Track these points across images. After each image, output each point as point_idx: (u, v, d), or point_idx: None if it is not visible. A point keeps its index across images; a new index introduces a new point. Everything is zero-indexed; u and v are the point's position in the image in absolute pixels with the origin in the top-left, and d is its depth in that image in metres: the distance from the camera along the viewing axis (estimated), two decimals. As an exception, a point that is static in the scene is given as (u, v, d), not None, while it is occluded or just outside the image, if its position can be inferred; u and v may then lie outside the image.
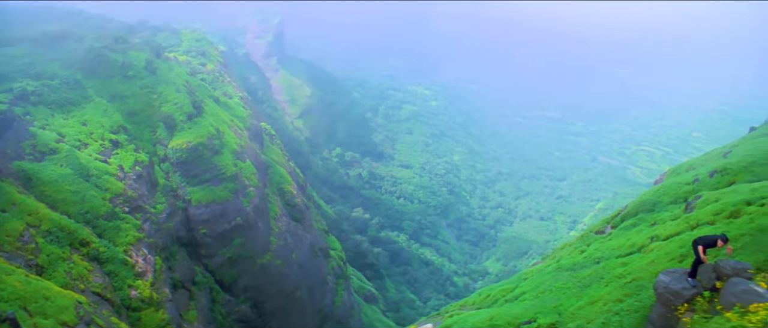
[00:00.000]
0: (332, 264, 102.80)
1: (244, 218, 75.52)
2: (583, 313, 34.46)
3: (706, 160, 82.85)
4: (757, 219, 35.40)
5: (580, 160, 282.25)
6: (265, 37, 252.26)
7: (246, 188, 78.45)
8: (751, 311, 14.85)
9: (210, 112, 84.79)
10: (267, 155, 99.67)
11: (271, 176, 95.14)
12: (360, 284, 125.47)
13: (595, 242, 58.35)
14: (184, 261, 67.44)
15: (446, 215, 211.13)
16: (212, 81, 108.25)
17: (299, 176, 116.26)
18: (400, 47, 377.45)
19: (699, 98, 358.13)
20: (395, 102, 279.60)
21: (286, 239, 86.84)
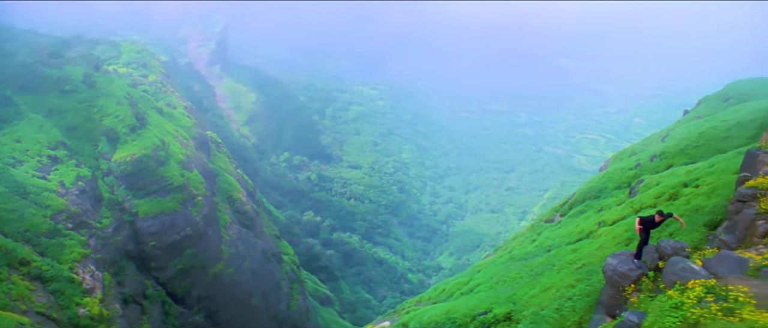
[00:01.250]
0: (286, 269, 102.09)
1: (193, 228, 74.48)
2: (537, 300, 34.98)
3: (646, 145, 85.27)
4: (693, 200, 36.61)
5: (526, 152, 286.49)
6: (207, 45, 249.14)
7: (194, 198, 77.33)
8: (689, 287, 15.38)
9: (154, 123, 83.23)
10: (214, 164, 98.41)
11: (220, 184, 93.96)
12: (315, 287, 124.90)
13: (546, 230, 59.39)
14: (134, 275, 66.14)
15: (397, 213, 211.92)
16: (155, 92, 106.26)
17: (248, 182, 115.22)
18: (345, 48, 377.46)
19: (639, 85, 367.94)
20: (342, 104, 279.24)
21: (238, 247, 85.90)
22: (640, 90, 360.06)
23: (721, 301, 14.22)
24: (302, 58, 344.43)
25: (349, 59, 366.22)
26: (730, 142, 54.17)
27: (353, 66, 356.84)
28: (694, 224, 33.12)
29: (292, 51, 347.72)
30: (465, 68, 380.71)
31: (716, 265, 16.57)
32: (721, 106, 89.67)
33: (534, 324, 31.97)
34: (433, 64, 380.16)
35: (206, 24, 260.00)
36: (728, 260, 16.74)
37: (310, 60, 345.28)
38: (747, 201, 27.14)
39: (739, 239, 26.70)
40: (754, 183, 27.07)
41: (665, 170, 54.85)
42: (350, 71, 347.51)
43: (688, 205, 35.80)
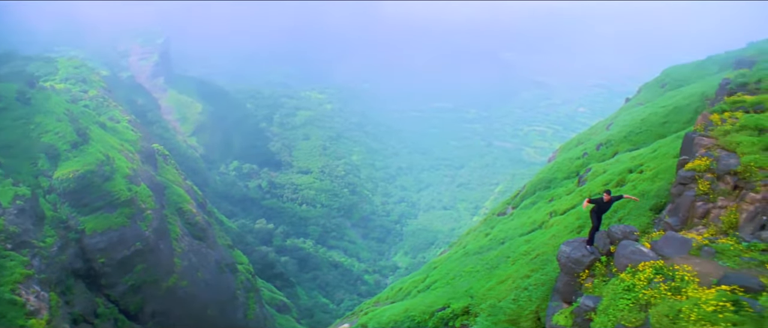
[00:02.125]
0: (241, 278, 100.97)
1: (144, 243, 73.11)
2: (494, 293, 35.42)
3: (592, 134, 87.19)
4: (639, 185, 37.56)
5: (476, 147, 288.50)
6: (149, 58, 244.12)
7: (143, 212, 75.91)
8: (639, 269, 15.97)
9: (97, 138, 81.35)
10: (162, 176, 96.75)
11: (169, 196, 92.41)
12: (271, 295, 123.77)
13: (499, 223, 60.21)
14: (83, 294, 64.58)
15: (350, 215, 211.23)
16: (96, 107, 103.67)
17: (198, 193, 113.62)
18: (291, 54, 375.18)
19: (582, 76, 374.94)
20: (289, 109, 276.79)
21: (191, 259, 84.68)
22: (583, 81, 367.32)
23: (669, 281, 14.80)
24: (248, 66, 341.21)
25: (295, 65, 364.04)
26: (669, 127, 55.76)
27: (300, 71, 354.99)
28: (640, 209, 33.95)
29: (238, 59, 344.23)
30: (412, 68, 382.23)
31: (663, 246, 17.17)
32: (659, 92, 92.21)
33: (492, 316, 32.37)
34: (381, 65, 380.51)
35: (148, 37, 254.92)
36: (674, 241, 17.36)
37: (256, 67, 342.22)
38: (687, 183, 28.04)
39: (682, 220, 27.56)
40: (693, 165, 27.99)
41: (611, 157, 56.26)
42: (297, 77, 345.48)
43: (635, 190, 36.69)
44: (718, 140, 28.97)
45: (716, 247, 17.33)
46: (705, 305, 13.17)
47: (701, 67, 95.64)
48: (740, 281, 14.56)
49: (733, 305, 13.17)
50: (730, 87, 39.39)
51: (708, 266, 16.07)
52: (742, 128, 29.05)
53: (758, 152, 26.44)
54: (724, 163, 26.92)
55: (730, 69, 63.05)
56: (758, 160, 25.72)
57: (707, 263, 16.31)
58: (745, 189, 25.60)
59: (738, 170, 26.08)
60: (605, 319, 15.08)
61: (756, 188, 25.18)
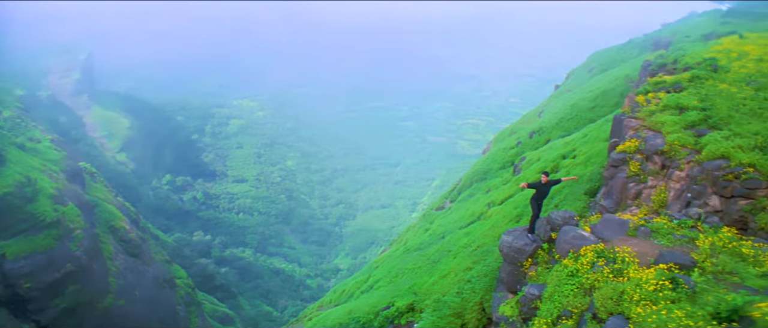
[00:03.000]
0: (181, 293, 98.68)
1: (75, 264, 70.51)
2: (438, 288, 35.39)
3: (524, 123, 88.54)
4: (572, 170, 38.21)
5: (411, 144, 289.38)
6: (71, 75, 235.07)
7: (72, 232, 73.18)
8: (581, 254, 16.11)
9: (15, 160, 77.83)
10: (91, 195, 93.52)
11: (99, 215, 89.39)
12: (213, 307, 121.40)
13: (437, 218, 60.43)
14: (8, 321, 61.89)
15: (289, 221, 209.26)
16: (13, 128, 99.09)
17: (130, 210, 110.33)
18: (220, 63, 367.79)
19: (511, 66, 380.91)
20: (221, 119, 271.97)
21: (127, 277, 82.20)
22: (512, 71, 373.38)
23: (611, 263, 14.98)
24: (176, 78, 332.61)
25: (225, 74, 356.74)
26: (598, 111, 57.08)
27: (230, 80, 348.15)
28: (575, 194, 34.53)
29: (165, 72, 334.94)
30: (344, 69, 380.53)
31: (602, 229, 17.40)
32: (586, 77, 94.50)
33: (437, 311, 32.31)
34: (313, 69, 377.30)
35: (69, 53, 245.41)
36: (611, 224, 17.62)
37: (184, 79, 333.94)
38: (619, 166, 28.73)
39: (616, 202, 28.20)
40: (623, 147, 28.70)
41: (544, 144, 57.22)
42: (227, 86, 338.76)
43: (569, 175, 37.19)
44: (644, 121, 29.75)
45: (651, 226, 17.68)
46: (646, 284, 13.42)
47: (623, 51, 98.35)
48: (674, 259, 14.90)
49: (671, 282, 13.43)
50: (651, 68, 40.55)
51: (645, 245, 16.37)
52: (665, 108, 29.90)
53: (681, 131, 27.21)
54: (651, 143, 27.63)
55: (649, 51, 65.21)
56: (681, 139, 26.46)
57: (644, 242, 16.61)
58: (672, 168, 26.33)
59: (664, 149, 26.82)
60: (551, 306, 15.17)
61: (681, 167, 25.91)
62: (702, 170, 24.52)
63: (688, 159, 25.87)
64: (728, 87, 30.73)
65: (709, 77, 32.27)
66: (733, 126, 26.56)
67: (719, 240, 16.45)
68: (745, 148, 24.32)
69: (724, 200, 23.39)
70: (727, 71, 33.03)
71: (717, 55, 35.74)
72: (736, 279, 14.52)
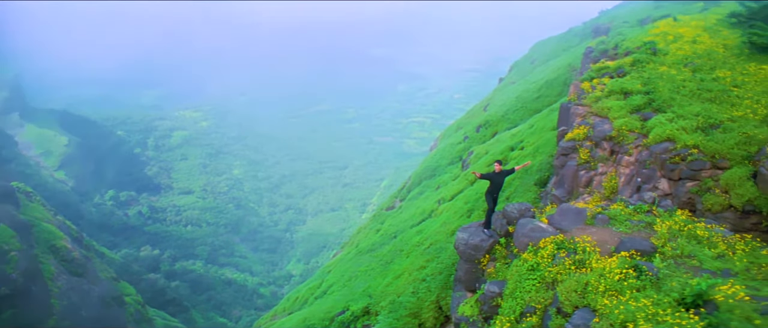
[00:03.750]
0: (130, 310, 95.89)
1: (11, 287, 67.75)
2: (392, 289, 34.87)
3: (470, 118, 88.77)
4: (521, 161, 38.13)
5: (358, 145, 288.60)
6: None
7: (6, 254, 70.31)
8: (541, 246, 15.62)
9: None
10: (27, 214, 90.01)
11: (38, 235, 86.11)
12: (165, 323, 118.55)
13: (388, 218, 59.87)
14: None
15: (238, 230, 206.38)
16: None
17: (72, 228, 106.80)
18: (160, 75, 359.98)
19: (455, 62, 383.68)
20: (164, 131, 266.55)
21: (71, 298, 79.35)
22: (456, 67, 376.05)
23: (572, 254, 14.52)
24: (114, 92, 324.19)
25: (166, 86, 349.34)
26: (543, 101, 57.40)
27: (171, 91, 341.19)
28: (526, 185, 34.41)
29: (102, 87, 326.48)
30: (287, 74, 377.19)
31: (560, 220, 16.97)
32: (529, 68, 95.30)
33: (393, 313, 31.77)
34: (255, 75, 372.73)
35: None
36: (569, 213, 17.20)
37: (123, 93, 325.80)
38: (569, 154, 28.57)
39: (568, 191, 28.03)
40: (572, 135, 28.57)
41: (491, 137, 57.22)
42: (169, 97, 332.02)
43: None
44: (591, 107, 29.73)
45: (608, 214, 17.38)
46: (610, 274, 13.04)
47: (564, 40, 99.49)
48: (635, 246, 14.58)
49: (635, 270, 13.08)
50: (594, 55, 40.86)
51: (604, 234, 16.02)
52: (610, 93, 29.98)
53: (627, 116, 27.38)
54: (599, 129, 27.61)
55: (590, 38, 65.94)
56: (628, 124, 26.59)
57: (603, 230, 16.26)
58: (621, 153, 26.38)
59: (612, 135, 26.88)
60: (513, 303, 14.61)
61: (629, 151, 25.97)
62: (650, 153, 24.61)
63: (636, 143, 25.94)
64: (668, 69, 31.10)
65: (650, 61, 32.58)
66: (676, 108, 26.85)
67: (675, 224, 16.27)
68: (689, 129, 24.62)
69: (672, 182, 23.56)
70: (665, 54, 33.49)
71: (655, 38, 36.19)
72: (694, 262, 14.35)
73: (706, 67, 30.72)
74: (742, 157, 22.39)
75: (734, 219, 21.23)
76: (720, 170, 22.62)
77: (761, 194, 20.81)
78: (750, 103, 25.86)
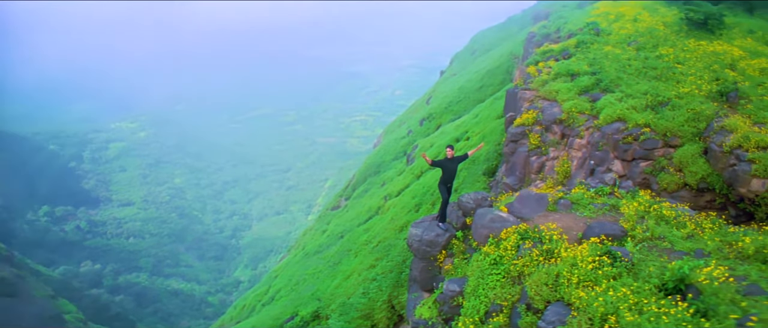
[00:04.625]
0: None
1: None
2: (342, 290, 33.91)
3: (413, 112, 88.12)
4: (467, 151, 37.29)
5: (300, 148, 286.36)
6: None
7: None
8: (503, 238, 14.41)
9: None
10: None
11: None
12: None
13: (334, 218, 58.61)
14: None
15: (183, 239, 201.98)
16: None
17: (0, 247, 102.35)
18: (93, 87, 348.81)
19: (394, 59, 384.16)
20: (100, 144, 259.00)
21: (1, 321, 75.63)
22: (396, 64, 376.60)
23: (539, 244, 13.33)
24: (42, 107, 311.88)
25: (99, 98, 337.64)
26: (486, 90, 56.96)
27: (105, 104, 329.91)
28: (474, 175, 33.63)
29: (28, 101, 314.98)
30: (225, 79, 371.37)
31: (520, 207, 15.77)
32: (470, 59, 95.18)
33: (344, 315, 30.65)
34: (193, 83, 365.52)
35: None
36: (529, 200, 16.04)
37: (52, 107, 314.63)
38: (518, 140, 27.70)
39: (520, 178, 27.16)
40: (521, 120, 27.72)
41: (435, 130, 56.45)
42: (103, 110, 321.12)
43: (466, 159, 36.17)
44: (538, 91, 29.08)
45: (571, 198, 16.36)
46: (582, 263, 11.82)
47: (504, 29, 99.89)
48: (604, 230, 13.54)
49: (609, 257, 11.96)
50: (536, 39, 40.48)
51: (569, 219, 14.96)
52: (557, 76, 29.45)
53: (576, 97, 26.94)
54: (549, 113, 26.88)
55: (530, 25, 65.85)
56: (578, 106, 26.11)
57: (567, 216, 15.20)
58: (572, 136, 25.73)
59: (562, 117, 26.28)
60: (476, 302, 13.22)
61: (581, 134, 25.36)
62: (602, 135, 24.11)
63: (587, 125, 25.35)
64: (613, 49, 31.08)
65: (594, 41, 32.37)
66: (624, 87, 26.62)
67: (640, 205, 15.39)
68: (639, 108, 24.36)
69: (625, 163, 23.15)
70: (608, 34, 33.49)
71: (597, 19, 36.15)
72: (665, 244, 13.47)
73: (649, 46, 30.83)
74: (692, 134, 22.32)
75: (690, 198, 21.05)
76: (672, 148, 22.46)
77: (713, 170, 20.69)
78: (694, 79, 26.07)
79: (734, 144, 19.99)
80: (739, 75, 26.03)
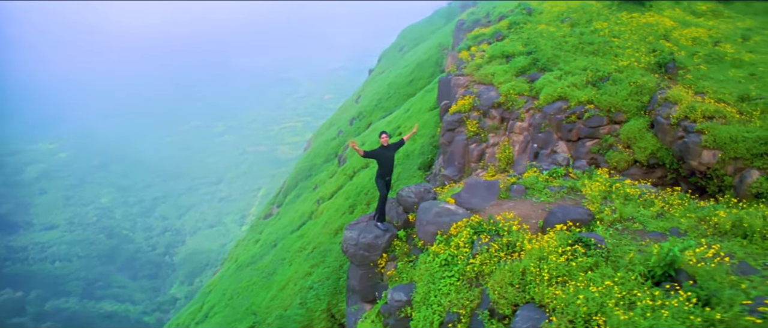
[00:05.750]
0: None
1: None
2: (278, 302, 32.20)
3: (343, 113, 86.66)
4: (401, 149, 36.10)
5: (230, 158, 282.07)
6: None
7: None
8: (453, 234, 12.34)
9: None
10: None
11: None
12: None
13: (266, 227, 56.57)
14: None
15: (114, 259, 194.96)
16: None
17: None
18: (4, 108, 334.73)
19: (322, 63, 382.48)
20: (16, 167, 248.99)
21: None
22: (324, 68, 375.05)
23: (496, 237, 11.28)
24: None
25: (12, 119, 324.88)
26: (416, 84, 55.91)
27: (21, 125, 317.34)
28: (409, 170, 32.59)
29: None
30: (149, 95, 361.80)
31: (469, 197, 13.76)
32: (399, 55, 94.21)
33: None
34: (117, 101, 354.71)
35: None
36: (478, 189, 14.05)
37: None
38: (455, 128, 26.17)
39: (459, 168, 25.59)
40: (457, 108, 26.20)
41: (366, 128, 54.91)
42: (18, 132, 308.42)
43: (399, 153, 35.04)
44: (473, 76, 27.82)
45: (524, 183, 14.51)
46: (552, 255, 9.82)
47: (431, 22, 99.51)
48: (569, 215, 11.68)
49: (583, 246, 10.05)
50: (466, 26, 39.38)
51: (525, 207, 13.12)
52: (491, 59, 28.34)
53: (513, 79, 26.02)
54: (486, 97, 25.53)
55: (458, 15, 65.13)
56: (515, 87, 25.11)
57: (522, 204, 13.36)
58: (512, 119, 24.52)
59: (500, 101, 25.07)
60: (428, 312, 10.87)
61: (521, 117, 24.16)
62: (543, 115, 23.02)
63: (527, 107, 24.14)
64: (547, 27, 30.42)
65: (527, 21, 31.54)
66: (562, 65, 25.74)
67: (600, 184, 13.79)
68: (579, 85, 23.43)
69: (571, 144, 22.21)
70: (540, 12, 32.93)
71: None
72: (637, 226, 11.82)
73: (582, 21, 30.24)
74: (636, 109, 21.60)
75: (640, 175, 20.13)
76: (618, 124, 21.61)
77: (662, 145, 19.92)
78: (631, 51, 25.59)
79: (681, 115, 19.28)
80: (674, 45, 25.78)
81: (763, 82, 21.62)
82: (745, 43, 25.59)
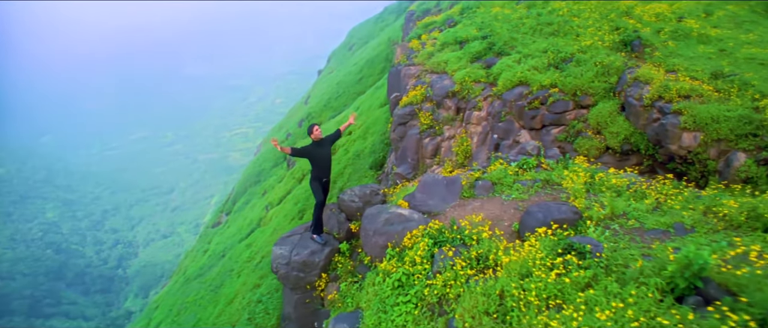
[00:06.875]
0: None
1: None
2: (226, 318, 30.21)
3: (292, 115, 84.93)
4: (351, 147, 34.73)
5: (181, 167, 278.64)
6: None
7: None
8: (408, 246, 9.74)
9: None
10: None
11: None
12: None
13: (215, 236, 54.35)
14: None
15: (62, 275, 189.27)
16: None
17: None
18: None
19: (271, 68, 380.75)
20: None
21: None
22: (273, 72, 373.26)
23: (463, 248, 8.78)
24: None
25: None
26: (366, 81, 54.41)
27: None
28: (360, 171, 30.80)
29: None
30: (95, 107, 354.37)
31: (425, 198, 11.13)
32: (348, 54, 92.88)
33: (230, 347, 26.67)
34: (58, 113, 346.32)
35: None
36: (437, 187, 11.45)
37: None
38: (407, 122, 23.98)
39: (413, 165, 23.41)
40: (408, 99, 24.01)
41: (314, 129, 53.07)
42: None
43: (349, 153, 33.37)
44: (424, 65, 25.66)
45: (490, 177, 11.95)
46: (539, 271, 7.38)
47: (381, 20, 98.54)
48: (551, 215, 9.21)
49: (576, 255, 7.62)
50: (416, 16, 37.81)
51: (494, 206, 10.64)
52: (444, 46, 26.28)
53: (468, 66, 23.94)
54: (439, 86, 23.33)
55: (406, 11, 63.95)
56: (471, 74, 22.96)
57: (491, 202, 10.87)
58: (468, 109, 22.29)
59: (455, 90, 22.85)
60: None
61: (478, 105, 21.98)
62: (503, 103, 20.98)
63: (485, 94, 22.03)
64: (501, 9, 28.79)
65: (480, 5, 29.92)
66: (520, 48, 23.91)
67: (581, 175, 11.61)
68: (541, 68, 21.58)
69: (535, 132, 20.22)
70: None
71: (479, -17, 33.12)
72: (633, 223, 9.54)
73: (539, 2, 28.51)
74: (604, 90, 19.66)
75: (613, 163, 18.16)
76: (585, 108, 19.63)
77: (635, 129, 18.03)
78: (594, 30, 23.92)
79: (654, 96, 17.48)
80: (637, 22, 24.12)
81: (734, 58, 20.14)
82: (708, 18, 24.15)
